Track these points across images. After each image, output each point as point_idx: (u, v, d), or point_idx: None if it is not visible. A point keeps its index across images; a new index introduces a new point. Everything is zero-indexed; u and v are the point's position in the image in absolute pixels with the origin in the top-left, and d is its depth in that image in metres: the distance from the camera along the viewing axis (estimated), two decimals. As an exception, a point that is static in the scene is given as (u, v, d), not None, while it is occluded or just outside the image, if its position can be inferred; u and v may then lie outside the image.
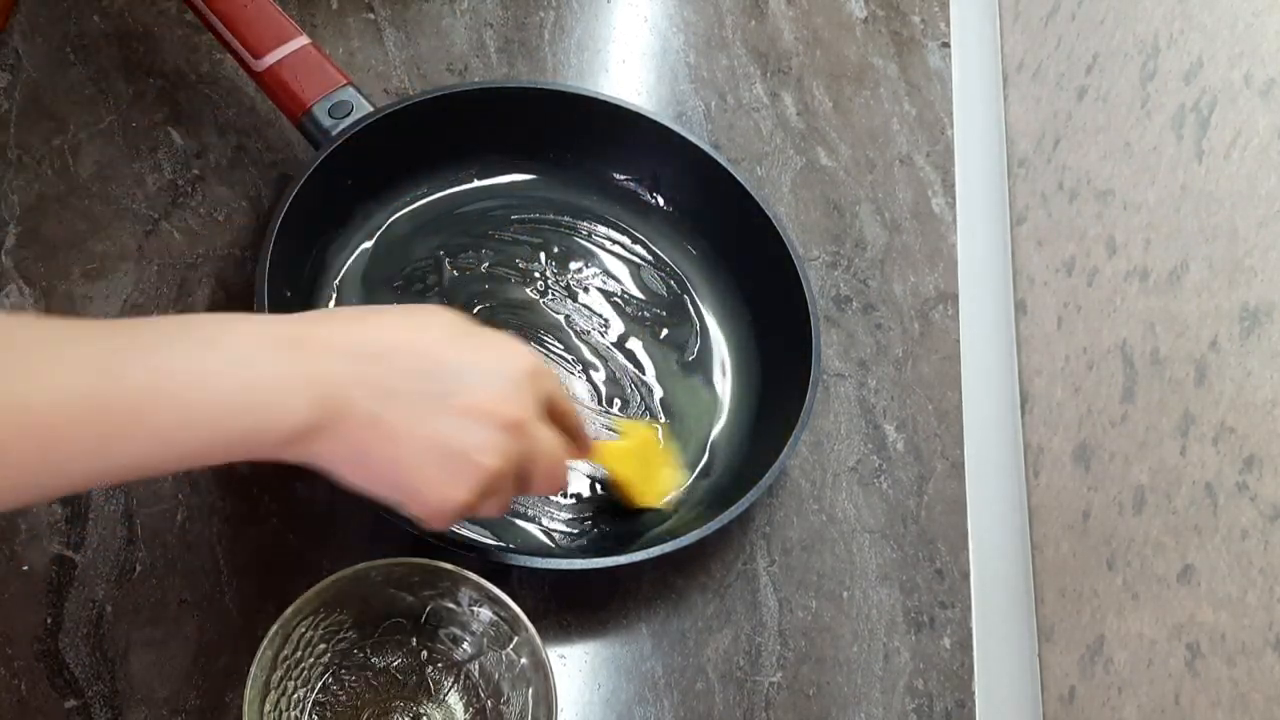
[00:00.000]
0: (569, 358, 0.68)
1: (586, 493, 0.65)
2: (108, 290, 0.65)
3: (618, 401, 0.68)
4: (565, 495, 0.64)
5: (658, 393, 0.69)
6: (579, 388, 0.68)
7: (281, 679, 0.53)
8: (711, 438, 0.69)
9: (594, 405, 0.67)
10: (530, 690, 0.54)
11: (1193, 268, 0.61)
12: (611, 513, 0.65)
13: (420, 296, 0.68)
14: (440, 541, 0.56)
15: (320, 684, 0.56)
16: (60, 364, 0.38)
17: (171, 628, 0.57)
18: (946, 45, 0.89)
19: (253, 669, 0.50)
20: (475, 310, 0.69)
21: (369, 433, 0.43)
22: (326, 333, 0.44)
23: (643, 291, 0.73)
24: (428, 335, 0.46)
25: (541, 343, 0.68)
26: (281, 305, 0.61)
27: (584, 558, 0.59)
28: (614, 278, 0.73)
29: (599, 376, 0.68)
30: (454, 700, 0.57)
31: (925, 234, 0.80)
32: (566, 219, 0.74)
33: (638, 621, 0.63)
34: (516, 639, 0.55)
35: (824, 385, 0.72)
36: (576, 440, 0.53)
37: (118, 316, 0.64)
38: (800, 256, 0.70)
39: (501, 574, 0.57)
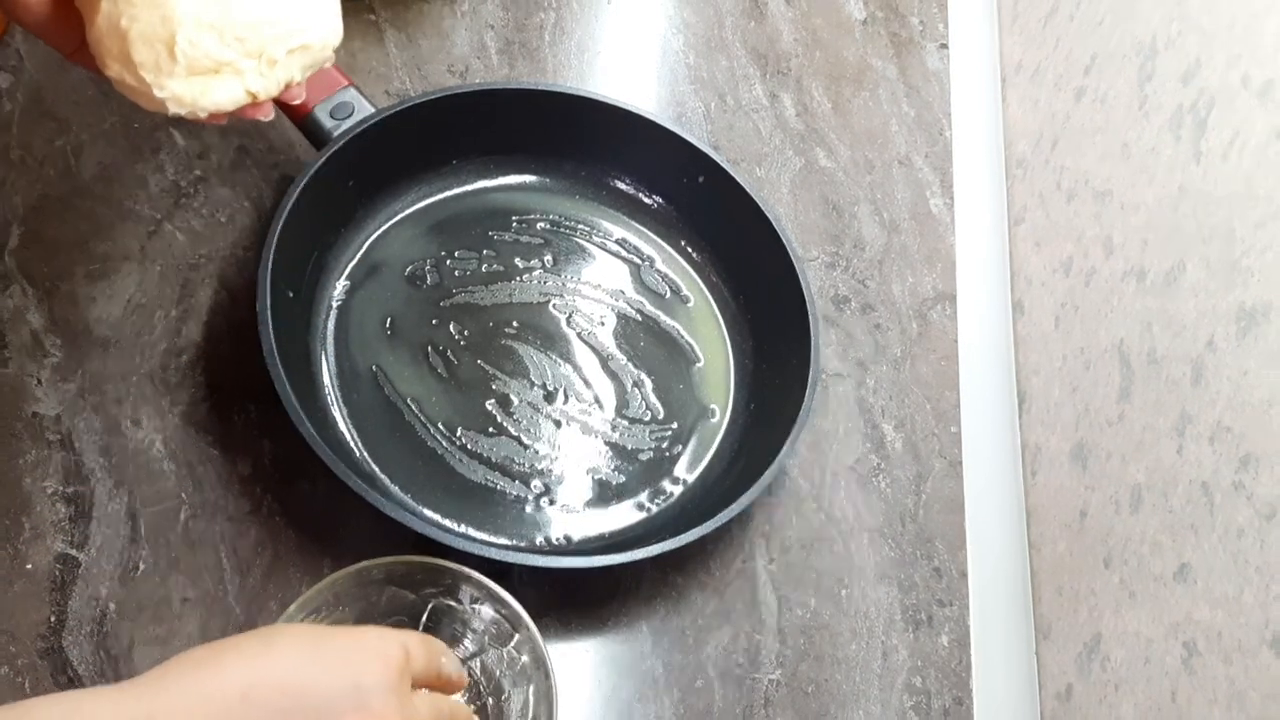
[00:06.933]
0: (569, 358, 0.69)
1: (587, 493, 0.65)
2: (110, 291, 0.65)
3: (617, 401, 0.68)
4: None
5: (657, 392, 0.69)
6: (578, 388, 0.68)
7: (284, 677, 0.53)
8: (711, 437, 0.69)
9: (592, 405, 0.68)
10: (531, 687, 0.55)
11: (1190, 268, 0.62)
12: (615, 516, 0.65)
13: (421, 296, 0.69)
14: (442, 540, 0.57)
15: (322, 682, 0.56)
16: None
17: (175, 626, 0.57)
18: (945, 46, 0.90)
19: (255, 667, 0.51)
20: (476, 312, 0.69)
21: None
22: (171, 700, 0.41)
23: (642, 292, 0.73)
24: (281, 663, 0.43)
25: (541, 343, 0.69)
26: (284, 305, 0.62)
27: (584, 556, 0.60)
28: (614, 278, 0.73)
29: (598, 376, 0.69)
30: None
31: (924, 234, 0.80)
32: (566, 219, 0.74)
33: (638, 619, 0.63)
34: (517, 636, 0.55)
35: (823, 385, 0.72)
36: (451, 685, 0.50)
37: (120, 317, 0.64)
38: (799, 256, 0.70)
39: (503, 572, 0.57)
